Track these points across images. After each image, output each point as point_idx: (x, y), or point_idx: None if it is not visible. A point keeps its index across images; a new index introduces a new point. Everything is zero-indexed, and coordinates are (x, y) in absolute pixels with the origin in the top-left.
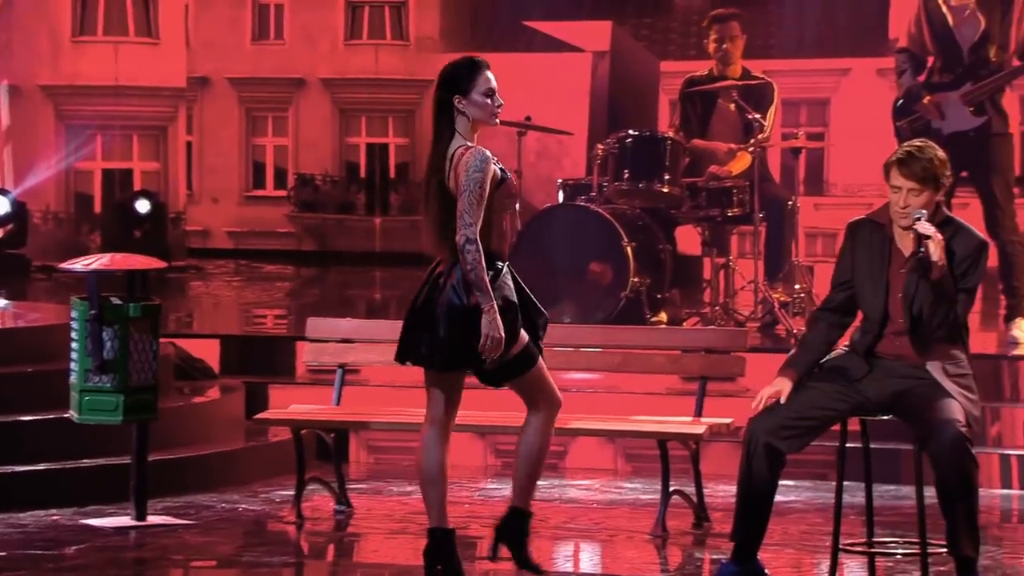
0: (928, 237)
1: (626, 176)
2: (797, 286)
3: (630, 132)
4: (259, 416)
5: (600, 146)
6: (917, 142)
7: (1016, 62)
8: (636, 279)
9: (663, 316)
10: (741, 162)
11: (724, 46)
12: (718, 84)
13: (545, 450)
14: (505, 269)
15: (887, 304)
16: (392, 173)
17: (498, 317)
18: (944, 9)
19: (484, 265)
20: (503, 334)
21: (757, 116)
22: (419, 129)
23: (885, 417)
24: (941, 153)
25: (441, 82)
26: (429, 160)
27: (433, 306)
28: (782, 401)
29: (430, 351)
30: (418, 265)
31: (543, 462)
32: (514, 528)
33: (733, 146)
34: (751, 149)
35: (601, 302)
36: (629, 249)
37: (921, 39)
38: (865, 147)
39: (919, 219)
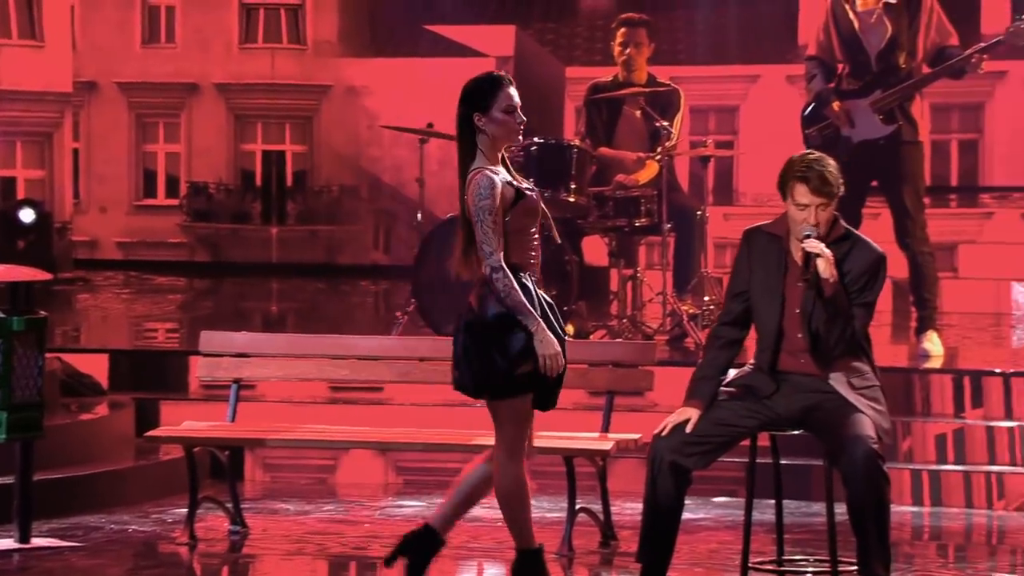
0: (817, 255)
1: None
2: (706, 298)
3: (535, 140)
4: (150, 433)
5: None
6: (810, 156)
7: (925, 69)
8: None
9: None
10: (648, 171)
11: (630, 52)
12: (624, 91)
13: (505, 493)
14: (530, 284)
15: (782, 319)
16: (289, 181)
17: (548, 333)
18: (851, 15)
19: (517, 288)
20: (558, 348)
21: (664, 123)
22: (317, 136)
23: (795, 432)
24: (834, 162)
25: (462, 98)
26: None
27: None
28: (688, 430)
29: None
30: (316, 276)
31: (509, 505)
32: (420, 547)
33: (640, 154)
34: (659, 157)
35: None
36: None
37: (829, 46)
38: (775, 155)
39: (808, 237)
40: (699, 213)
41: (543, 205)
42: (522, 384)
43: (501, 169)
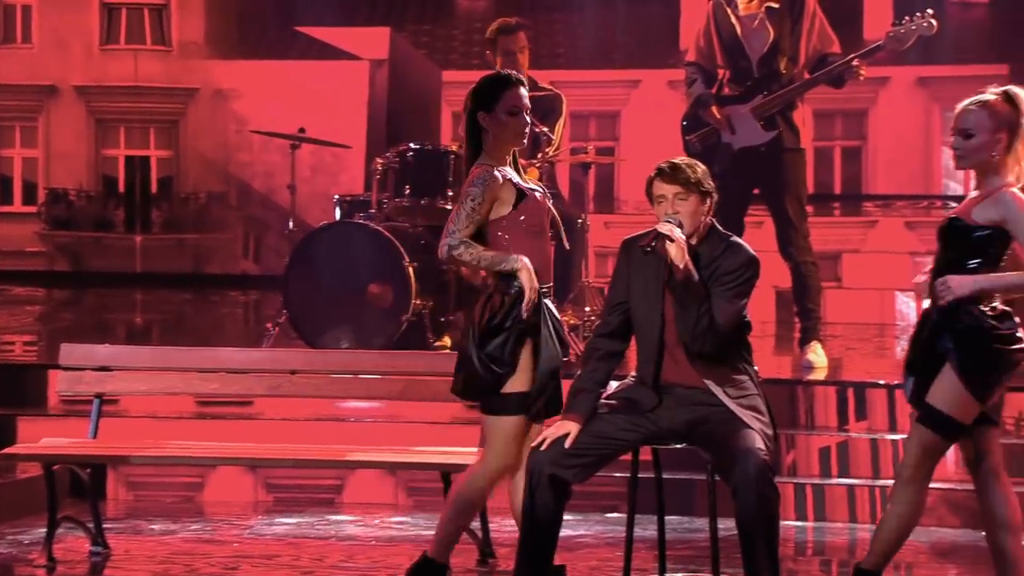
0: (668, 238)
1: (407, 192)
2: (587, 308)
3: (411, 145)
4: (7, 451)
5: (379, 160)
6: (678, 158)
7: (807, 75)
8: (418, 301)
9: (447, 340)
10: (528, 177)
11: (509, 57)
12: None
13: (463, 499)
14: (544, 299)
15: (663, 330)
16: (154, 188)
17: (531, 271)
18: (733, 20)
19: (483, 250)
20: (537, 285)
21: (544, 129)
22: (183, 140)
23: (679, 446)
24: (702, 166)
25: (470, 95)
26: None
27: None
28: (567, 445)
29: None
30: (183, 286)
31: (458, 511)
32: None
33: (522, 161)
34: (539, 164)
35: (381, 326)
36: (411, 270)
37: (710, 51)
38: (657, 162)
39: (667, 221)
40: (580, 221)
41: (553, 209)
42: (512, 404)
43: (508, 169)
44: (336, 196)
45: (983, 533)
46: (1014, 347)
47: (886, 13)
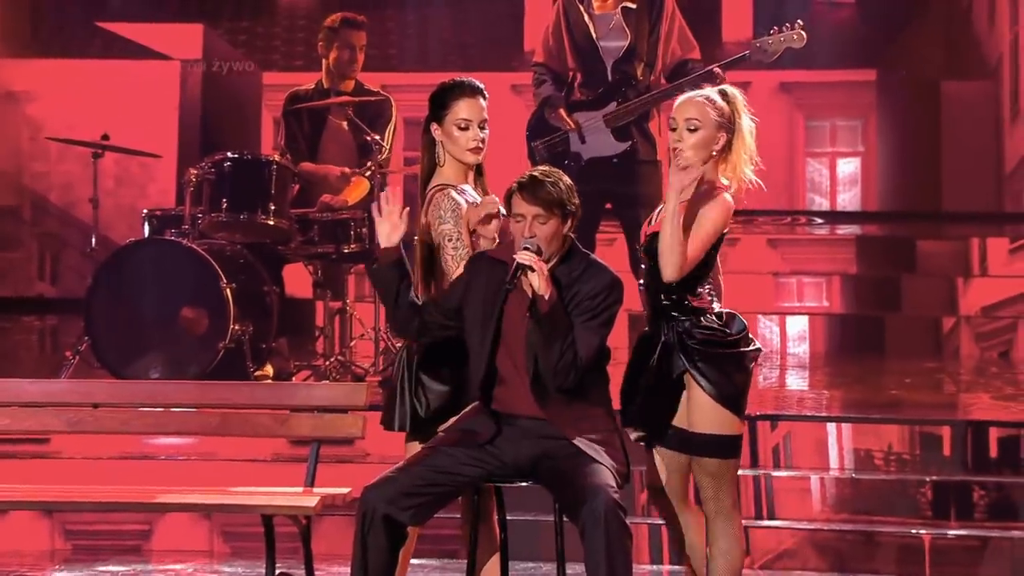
0: (529, 267)
1: (224, 206)
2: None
3: (228, 155)
4: None
5: (193, 171)
6: (541, 167)
7: (664, 82)
8: (237, 327)
9: (269, 370)
10: (358, 189)
11: (349, 53)
12: (328, 100)
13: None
14: None
15: (493, 354)
16: None
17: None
18: (586, 18)
19: None
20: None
21: (375, 137)
22: None
23: (524, 484)
24: (568, 179)
25: (428, 103)
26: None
27: None
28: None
29: None
30: None
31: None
32: None
33: (348, 170)
34: (369, 174)
35: (196, 354)
36: (228, 291)
37: (560, 52)
38: (499, 174)
39: (526, 248)
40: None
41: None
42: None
43: (467, 188)
44: (144, 211)
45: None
46: (750, 349)
47: (745, 14)
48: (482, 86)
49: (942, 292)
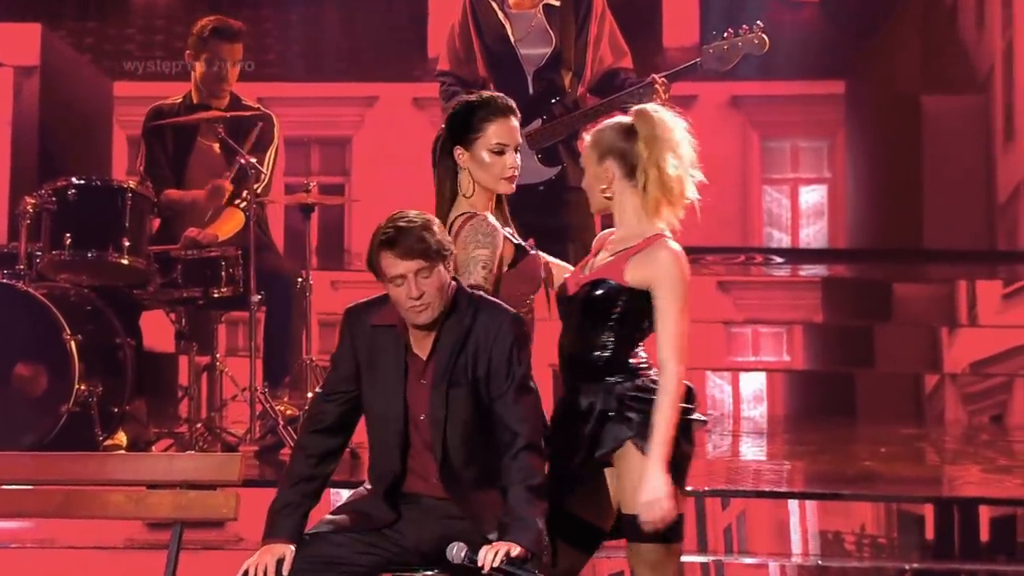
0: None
1: (68, 242)
2: (309, 394)
3: (73, 180)
4: None
5: (29, 199)
6: (397, 214)
7: (590, 97)
8: (83, 386)
9: (122, 438)
10: (230, 223)
11: (219, 67)
12: (198, 116)
13: None
14: None
15: (406, 425)
16: None
17: None
18: (501, 17)
19: None
20: None
21: (252, 160)
22: None
23: (429, 573)
24: (432, 218)
25: (446, 122)
26: None
27: None
28: (284, 573)
29: None
30: None
31: None
32: None
33: (219, 182)
34: (244, 205)
35: (33, 419)
36: (73, 344)
37: (470, 57)
38: (399, 202)
39: (463, 557)
40: (300, 280)
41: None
42: None
43: (493, 219)
44: None
45: None
46: (691, 406)
47: (691, 14)
48: (513, 104)
49: (923, 345)
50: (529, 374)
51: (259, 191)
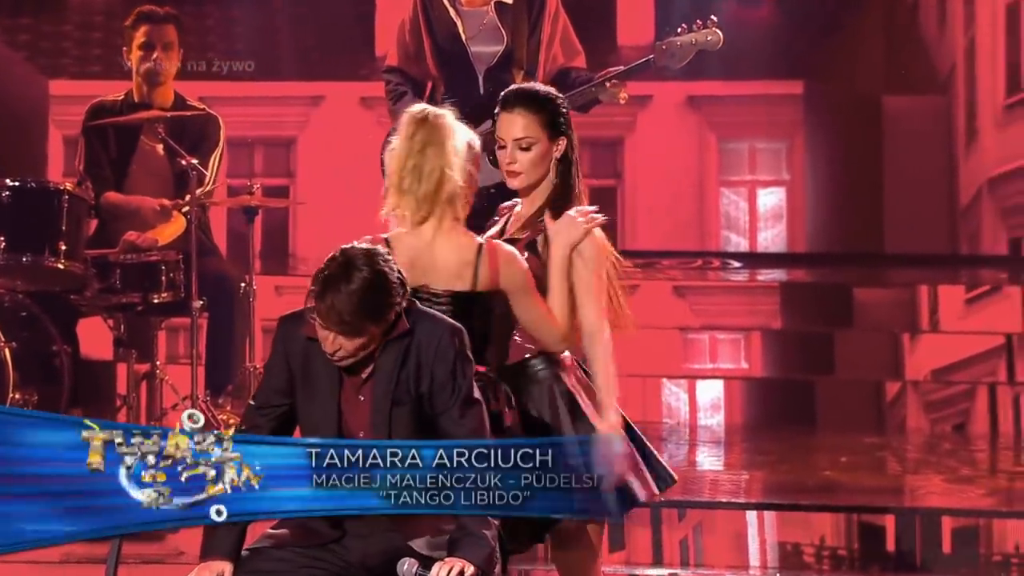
0: None
1: (1, 246)
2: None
3: (6, 182)
4: None
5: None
6: (340, 257)
7: None
8: (17, 395)
9: None
10: (172, 226)
11: (157, 59)
12: (140, 115)
13: None
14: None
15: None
16: None
17: None
18: (452, 14)
19: None
20: None
21: (193, 162)
22: None
23: None
24: (364, 250)
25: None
26: None
27: None
28: None
29: None
30: None
31: None
32: None
33: (166, 202)
34: (186, 208)
35: None
36: (7, 352)
37: (420, 55)
38: (347, 205)
39: (414, 573)
40: (243, 286)
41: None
42: None
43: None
44: None
45: None
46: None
47: (646, 12)
48: (512, 97)
49: (884, 351)
50: (473, 386)
51: (202, 193)
